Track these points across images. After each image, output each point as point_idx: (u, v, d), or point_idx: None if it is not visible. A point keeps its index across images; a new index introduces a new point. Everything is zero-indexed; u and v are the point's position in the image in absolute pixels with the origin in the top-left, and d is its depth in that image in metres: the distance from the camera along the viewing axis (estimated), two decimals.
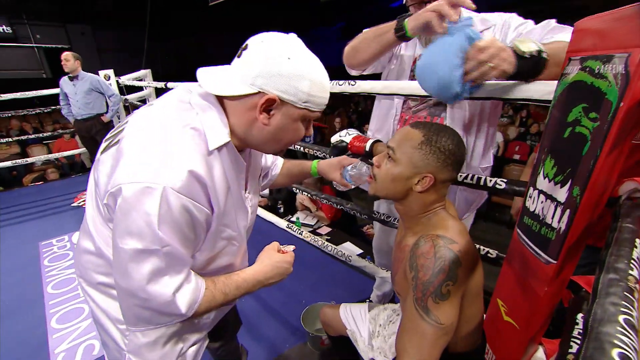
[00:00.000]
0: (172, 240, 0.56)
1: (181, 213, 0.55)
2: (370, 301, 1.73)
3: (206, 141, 0.59)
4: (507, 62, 0.74)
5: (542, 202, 0.67)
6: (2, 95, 3.54)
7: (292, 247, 0.81)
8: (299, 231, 1.65)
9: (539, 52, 0.75)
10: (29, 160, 4.16)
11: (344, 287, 2.07)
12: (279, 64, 0.56)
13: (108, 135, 0.67)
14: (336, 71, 1.20)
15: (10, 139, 4.25)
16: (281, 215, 2.93)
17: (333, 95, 1.02)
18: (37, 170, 5.09)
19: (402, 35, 0.91)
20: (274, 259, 0.76)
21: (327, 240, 1.57)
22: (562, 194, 0.60)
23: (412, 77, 1.13)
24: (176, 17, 7.97)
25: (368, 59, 1.07)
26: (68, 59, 3.20)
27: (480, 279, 0.75)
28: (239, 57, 0.60)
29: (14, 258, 2.53)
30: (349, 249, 2.55)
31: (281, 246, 0.80)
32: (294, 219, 2.97)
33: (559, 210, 0.61)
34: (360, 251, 2.56)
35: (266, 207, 2.91)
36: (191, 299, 0.62)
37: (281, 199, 3.20)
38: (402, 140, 0.73)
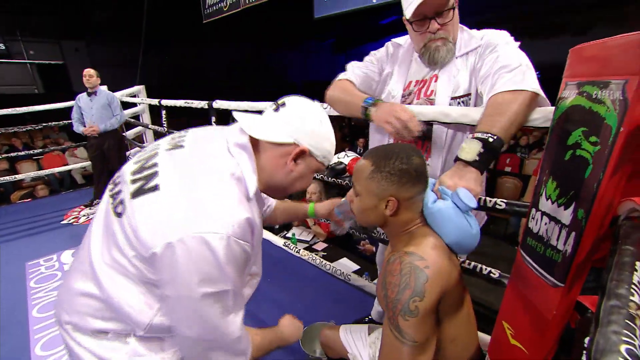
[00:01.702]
0: (236, 280, 0.61)
1: (240, 255, 0.61)
2: (371, 318, 1.70)
3: (247, 188, 0.65)
4: (480, 184, 0.82)
5: (545, 223, 0.66)
6: None
7: None
8: (296, 249, 1.63)
9: (485, 144, 0.80)
10: (18, 177, 4.07)
11: (342, 305, 2.03)
12: (313, 124, 0.70)
13: (132, 173, 0.65)
14: (327, 85, 1.22)
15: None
16: (276, 232, 2.89)
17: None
18: (26, 186, 4.99)
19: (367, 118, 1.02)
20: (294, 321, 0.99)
21: (323, 256, 1.55)
22: (566, 216, 0.60)
23: (408, 94, 1.14)
24: (171, 31, 8.06)
25: (343, 114, 1.20)
26: (92, 74, 3.28)
27: (460, 297, 0.74)
28: (276, 110, 0.71)
29: None
30: (346, 265, 2.51)
31: None
32: (289, 234, 2.94)
33: (564, 232, 0.61)
34: (357, 267, 2.53)
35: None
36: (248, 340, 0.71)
37: None
38: (357, 174, 0.77)
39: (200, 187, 0.59)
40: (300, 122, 0.69)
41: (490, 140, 0.81)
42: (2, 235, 3.18)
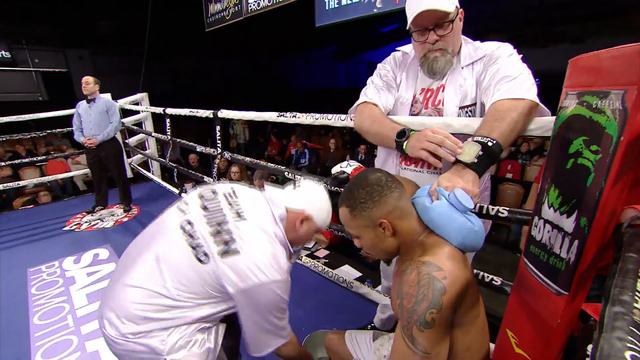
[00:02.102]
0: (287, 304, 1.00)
1: (287, 286, 0.97)
2: (373, 325, 1.69)
3: (290, 250, 1.02)
4: (477, 186, 0.83)
5: (548, 231, 0.67)
6: (0, 118, 3.54)
7: None
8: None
9: (484, 148, 0.82)
10: (21, 183, 4.09)
11: (344, 312, 2.02)
12: (319, 201, 1.05)
13: (212, 235, 0.92)
14: (328, 93, 1.23)
15: (3, 163, 4.18)
16: None
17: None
18: (28, 192, 5.00)
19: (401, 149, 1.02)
20: None
21: (325, 263, 1.54)
22: (569, 224, 0.61)
23: (414, 104, 1.15)
24: (175, 40, 8.15)
25: (375, 143, 1.23)
26: (89, 82, 3.31)
27: (476, 306, 0.73)
28: (294, 188, 1.06)
29: (1, 286, 2.43)
30: (348, 272, 2.50)
31: None
32: None
33: (567, 240, 0.61)
34: (359, 274, 2.52)
35: None
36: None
37: None
38: (345, 223, 0.83)
39: (265, 251, 0.92)
40: (312, 199, 1.04)
41: (490, 144, 0.82)
42: (4, 242, 3.18)
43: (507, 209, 0.88)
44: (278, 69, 12.58)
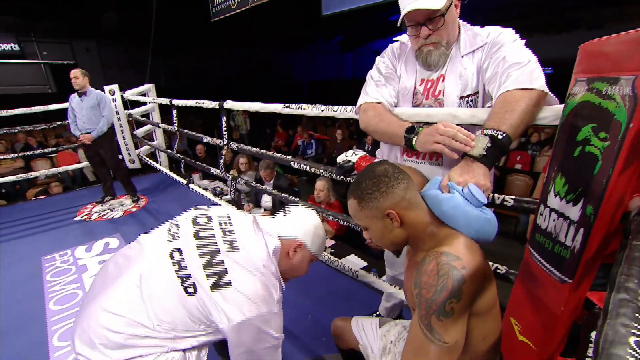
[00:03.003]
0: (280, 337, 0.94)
1: (281, 320, 0.93)
2: (379, 314, 1.71)
3: (282, 283, 0.97)
4: (489, 179, 0.83)
5: (554, 220, 0.67)
6: (10, 110, 3.59)
7: None
8: None
9: (493, 140, 0.81)
10: (33, 174, 4.18)
11: (350, 301, 2.05)
12: (312, 227, 1.03)
13: (204, 267, 0.88)
14: (334, 84, 1.22)
15: (15, 155, 4.27)
16: None
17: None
18: (40, 184, 5.11)
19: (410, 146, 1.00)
20: None
21: (330, 253, 1.56)
22: (574, 213, 0.61)
23: (415, 96, 1.14)
24: (179, 32, 8.13)
25: (384, 142, 1.22)
26: (77, 76, 3.25)
27: (493, 295, 0.73)
28: (284, 215, 1.06)
29: (16, 273, 2.51)
30: (354, 262, 2.52)
31: None
32: None
33: (572, 228, 0.61)
34: (365, 264, 2.54)
35: None
36: None
37: None
38: (354, 215, 0.84)
39: (258, 285, 0.88)
40: (304, 226, 1.03)
41: (499, 137, 0.81)
42: (19, 231, 3.27)
43: (513, 197, 0.88)
44: (283, 61, 12.48)
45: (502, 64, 0.92)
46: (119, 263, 0.96)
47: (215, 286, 0.85)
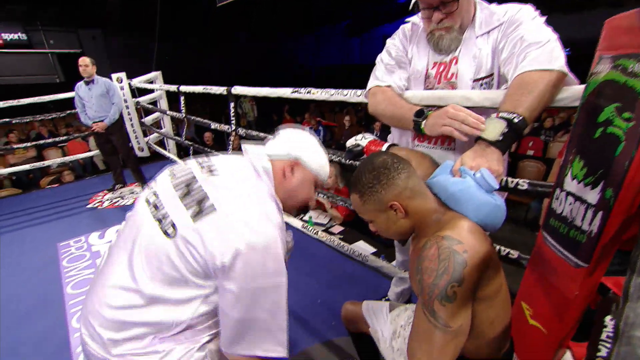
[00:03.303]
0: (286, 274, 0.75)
1: (283, 250, 0.74)
2: (388, 299, 1.73)
3: (278, 203, 0.80)
4: (502, 165, 0.81)
5: (570, 204, 0.65)
6: (21, 100, 3.64)
7: None
8: (314, 231, 1.65)
9: (509, 124, 0.78)
10: (45, 163, 4.26)
11: (359, 286, 2.07)
12: (306, 143, 0.88)
13: (181, 198, 0.74)
14: (342, 69, 1.19)
15: (28, 144, 4.35)
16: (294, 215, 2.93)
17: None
18: (53, 172, 5.22)
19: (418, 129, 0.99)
20: None
21: (340, 239, 1.57)
22: (593, 196, 0.59)
23: (427, 79, 1.12)
24: (184, 19, 8.04)
25: (393, 126, 1.20)
26: (87, 64, 3.26)
27: (499, 280, 0.73)
28: (274, 137, 0.89)
29: (34, 259, 2.59)
30: (363, 248, 2.54)
31: None
32: (306, 217, 2.98)
33: (589, 212, 0.60)
34: (374, 250, 2.56)
35: None
36: None
37: None
38: (357, 209, 0.83)
39: (249, 205, 0.73)
40: (295, 142, 0.87)
41: (515, 120, 0.78)
42: (35, 218, 3.36)
43: (527, 181, 0.86)
44: (290, 47, 12.29)
45: (520, 43, 0.88)
46: (114, 244, 0.83)
47: (197, 215, 0.69)
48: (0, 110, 3.55)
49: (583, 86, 0.64)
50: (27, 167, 3.95)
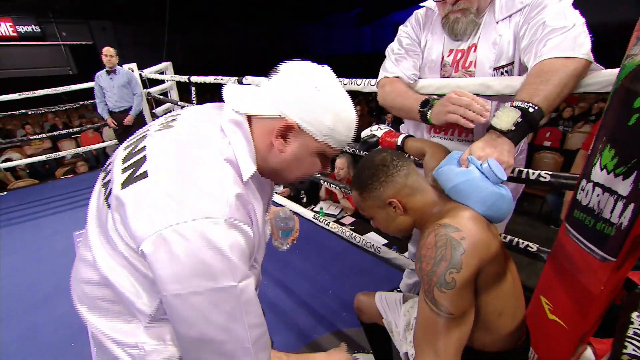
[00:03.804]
0: (242, 272, 0.52)
1: (241, 239, 0.53)
2: (399, 290, 1.72)
3: (240, 172, 0.56)
4: (512, 156, 0.77)
5: (598, 195, 0.62)
6: (36, 91, 3.70)
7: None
8: (326, 222, 1.65)
9: (524, 114, 0.74)
10: (60, 154, 4.34)
11: (370, 277, 2.06)
12: (304, 91, 0.56)
13: (123, 161, 0.58)
14: (352, 58, 1.16)
15: (43, 135, 4.45)
16: (304, 205, 2.94)
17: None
18: (67, 163, 5.33)
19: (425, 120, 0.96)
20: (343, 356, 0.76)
21: (351, 230, 1.56)
22: (624, 187, 0.56)
23: (443, 68, 1.07)
24: (195, 9, 8.00)
25: (402, 117, 1.17)
26: (112, 54, 3.30)
27: (502, 270, 0.70)
28: (268, 78, 0.59)
29: (52, 246, 2.67)
30: (375, 240, 2.52)
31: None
32: (317, 208, 2.98)
33: (619, 204, 0.57)
34: (386, 241, 2.54)
35: (289, 197, 2.92)
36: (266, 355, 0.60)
37: (304, 189, 3.21)
38: (357, 205, 0.82)
39: (188, 171, 0.52)
40: (290, 90, 0.56)
41: (531, 110, 0.74)
42: (52, 208, 3.44)
43: (550, 173, 0.82)
44: (300, 35, 12.16)
45: (542, 29, 0.83)
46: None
47: (126, 181, 0.54)
48: (16, 102, 3.61)
49: (616, 70, 0.60)
50: (42, 157, 4.04)
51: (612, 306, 0.73)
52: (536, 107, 0.74)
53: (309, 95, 0.55)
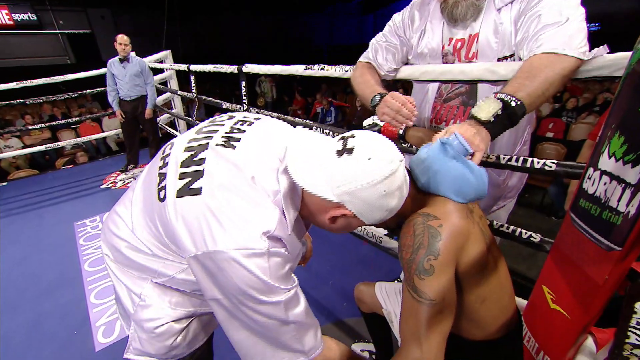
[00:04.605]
0: (284, 288, 0.60)
1: (284, 260, 0.60)
2: (400, 281, 1.72)
3: (286, 221, 0.61)
4: (484, 142, 0.75)
5: (605, 183, 0.61)
6: (34, 80, 3.66)
7: None
8: None
9: (505, 107, 0.73)
10: (60, 144, 4.33)
11: (371, 267, 2.07)
12: (372, 193, 0.58)
13: (182, 164, 0.63)
14: (355, 48, 1.17)
15: (42, 125, 4.43)
16: None
17: None
18: (67, 154, 5.32)
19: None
20: None
21: None
22: (633, 175, 0.54)
23: (445, 58, 1.05)
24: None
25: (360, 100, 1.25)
26: (127, 43, 3.27)
27: (483, 256, 0.70)
28: (339, 155, 0.59)
29: (53, 237, 2.68)
30: (377, 230, 2.53)
31: None
32: None
33: (627, 192, 0.55)
34: (386, 232, 2.54)
35: None
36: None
37: None
38: None
39: (237, 202, 0.57)
40: (359, 187, 0.57)
41: (513, 104, 0.73)
42: (52, 198, 3.45)
43: (556, 161, 0.81)
44: (302, 25, 11.98)
45: (536, 24, 0.80)
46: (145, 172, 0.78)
47: (181, 190, 0.59)
48: (14, 91, 3.58)
49: (628, 54, 0.58)
50: (42, 147, 4.02)
51: (614, 296, 0.73)
52: (519, 102, 0.73)
53: (374, 199, 0.58)
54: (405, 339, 0.66)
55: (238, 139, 0.65)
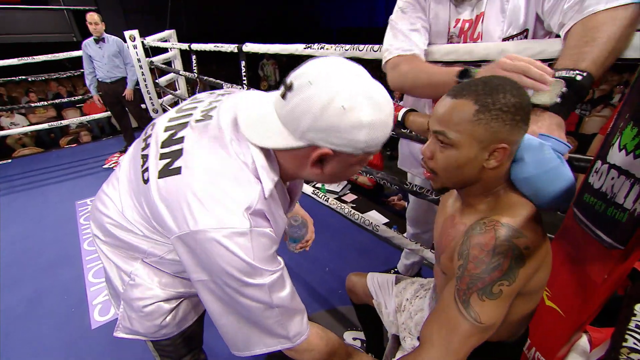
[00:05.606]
0: (269, 268, 0.58)
1: (268, 240, 0.58)
2: (397, 271, 1.71)
3: (263, 188, 0.57)
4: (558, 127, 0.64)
5: (612, 178, 0.57)
6: (35, 57, 3.62)
7: None
8: (325, 197, 1.61)
9: (570, 83, 0.62)
10: (64, 122, 4.32)
11: (368, 256, 2.06)
12: (331, 116, 0.49)
13: (163, 144, 0.62)
14: (367, 33, 1.09)
15: (45, 102, 4.41)
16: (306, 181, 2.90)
17: (360, 59, 0.92)
18: (71, 132, 5.32)
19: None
20: None
21: (352, 208, 1.53)
22: None
23: (450, 40, 0.99)
24: None
25: (430, 97, 1.06)
26: (97, 22, 3.10)
27: (545, 276, 0.62)
28: (283, 97, 0.52)
29: (55, 214, 2.71)
30: (375, 218, 2.50)
31: None
32: (318, 185, 2.95)
33: (636, 188, 0.51)
34: (386, 220, 2.52)
35: None
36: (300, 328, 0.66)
37: None
38: (450, 118, 0.58)
39: (219, 180, 0.55)
40: (314, 118, 0.49)
41: (578, 78, 0.62)
42: (55, 177, 3.47)
43: None
44: (309, 6, 11.66)
45: None
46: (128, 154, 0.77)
47: (163, 172, 0.58)
48: (17, 67, 3.55)
49: None
50: (46, 125, 4.02)
51: (613, 296, 0.70)
52: (584, 73, 0.62)
53: (337, 121, 0.49)
54: (431, 342, 0.59)
55: (215, 108, 0.64)
